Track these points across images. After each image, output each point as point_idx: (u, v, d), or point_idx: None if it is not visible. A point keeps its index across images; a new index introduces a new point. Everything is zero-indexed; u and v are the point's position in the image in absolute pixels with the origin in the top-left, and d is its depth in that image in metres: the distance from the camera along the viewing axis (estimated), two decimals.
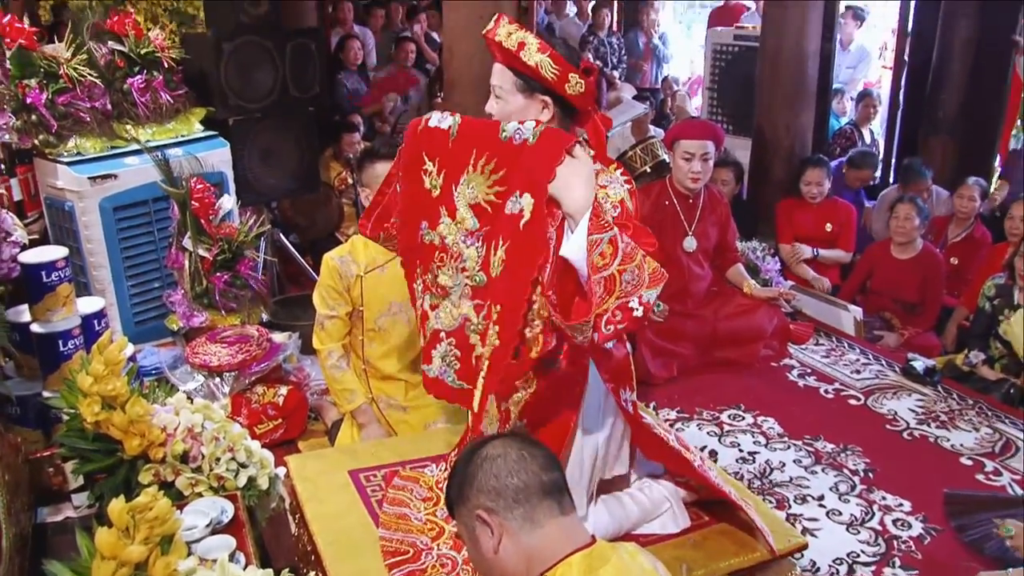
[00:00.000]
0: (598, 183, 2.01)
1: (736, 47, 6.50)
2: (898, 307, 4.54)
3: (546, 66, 2.04)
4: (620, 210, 2.01)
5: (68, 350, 2.62)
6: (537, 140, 1.99)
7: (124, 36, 3.67)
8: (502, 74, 2.12)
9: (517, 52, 2.04)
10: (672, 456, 2.34)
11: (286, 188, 4.45)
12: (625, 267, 1.83)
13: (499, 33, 2.08)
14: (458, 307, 2.21)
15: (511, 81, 2.10)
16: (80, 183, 3.42)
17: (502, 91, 2.12)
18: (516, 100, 2.11)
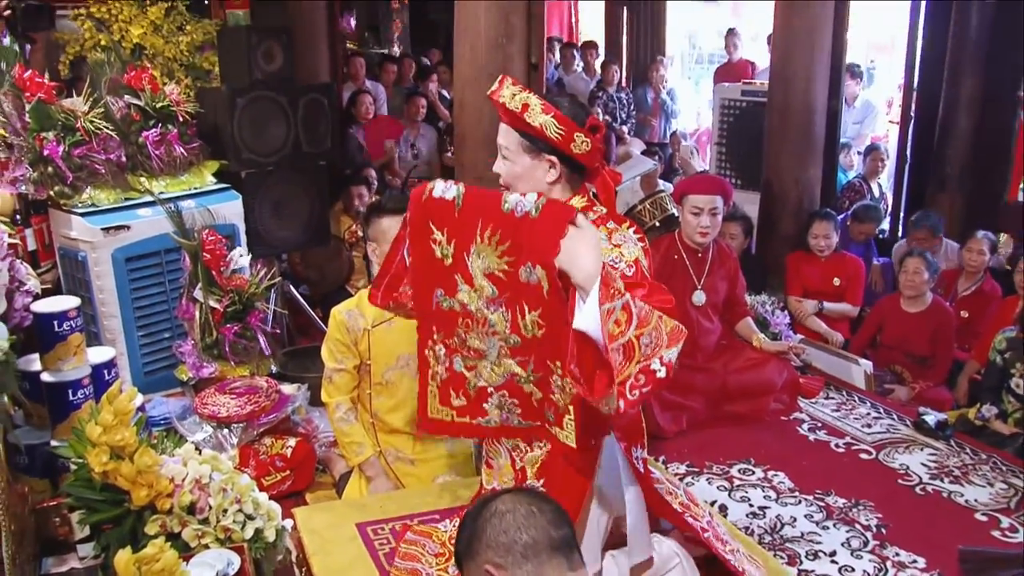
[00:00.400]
0: (612, 242, 2.04)
1: (744, 102, 6.56)
2: (909, 360, 4.52)
3: (550, 127, 2.05)
4: (635, 269, 2.02)
5: (78, 399, 2.62)
6: (540, 213, 1.97)
7: (140, 90, 3.74)
8: (508, 135, 2.13)
9: (521, 113, 2.05)
10: (676, 519, 2.32)
11: (297, 241, 4.48)
12: (642, 331, 1.82)
13: (503, 95, 2.09)
14: (500, 365, 2.18)
15: (517, 142, 2.11)
16: (93, 234, 3.46)
17: (508, 152, 2.13)
18: (523, 160, 2.12)
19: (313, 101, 4.28)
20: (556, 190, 2.15)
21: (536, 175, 2.12)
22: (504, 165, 2.16)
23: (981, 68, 5.66)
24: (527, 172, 2.13)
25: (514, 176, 2.14)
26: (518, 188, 2.13)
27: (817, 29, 5.27)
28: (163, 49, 4.68)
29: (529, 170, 2.12)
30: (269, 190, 4.20)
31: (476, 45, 3.93)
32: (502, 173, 2.17)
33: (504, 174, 2.16)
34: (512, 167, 2.14)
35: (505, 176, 2.16)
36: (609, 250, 2.05)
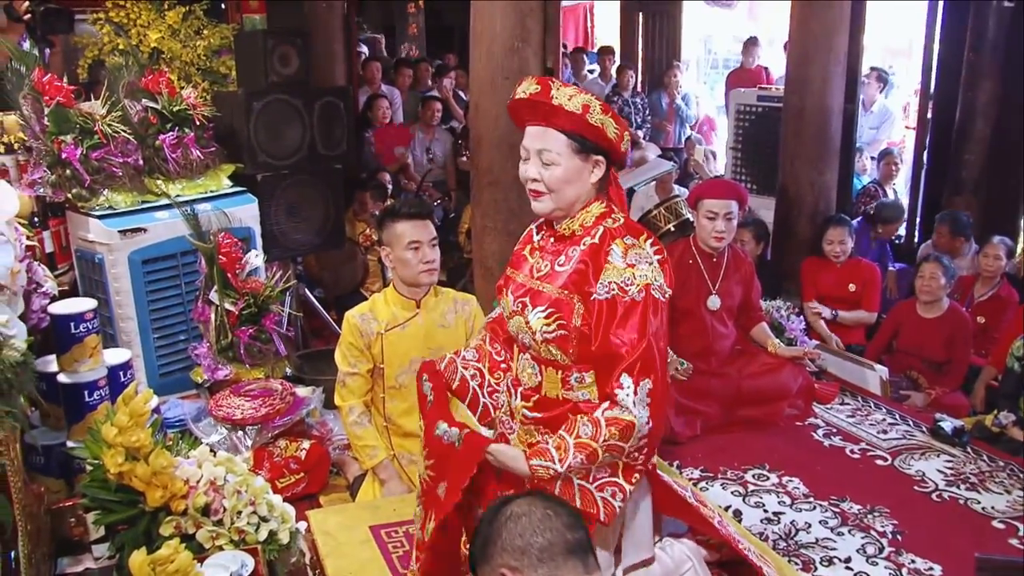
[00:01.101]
0: (626, 261, 2.07)
1: (759, 107, 6.55)
2: (925, 366, 4.49)
3: (610, 126, 2.06)
4: (644, 295, 2.07)
5: (94, 401, 2.64)
6: (461, 446, 2.09)
7: (158, 94, 3.76)
8: (551, 138, 2.08)
9: (583, 114, 2.03)
10: (690, 512, 2.32)
11: (312, 244, 4.50)
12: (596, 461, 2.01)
13: (557, 96, 2.04)
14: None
15: (564, 143, 2.08)
16: (110, 236, 3.48)
17: (553, 155, 2.08)
18: (572, 163, 2.09)
19: (329, 104, 4.30)
20: (594, 191, 2.16)
21: (584, 176, 2.11)
22: (546, 171, 2.10)
23: (998, 72, 5.63)
24: (576, 174, 2.11)
25: (561, 180, 2.10)
26: (565, 193, 2.11)
27: (833, 33, 5.25)
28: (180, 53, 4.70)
29: (577, 172, 2.11)
30: (284, 193, 4.21)
31: (492, 49, 3.93)
32: (543, 179, 2.11)
33: (547, 179, 2.10)
34: (556, 171, 2.09)
35: (549, 182, 2.10)
36: (622, 270, 2.07)
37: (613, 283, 2.06)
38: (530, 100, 2.09)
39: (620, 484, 2.05)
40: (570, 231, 2.17)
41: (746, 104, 6.68)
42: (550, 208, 2.14)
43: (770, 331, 4.16)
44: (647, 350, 2.03)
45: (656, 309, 2.09)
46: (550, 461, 2.01)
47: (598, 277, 2.08)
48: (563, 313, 2.10)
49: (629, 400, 2.00)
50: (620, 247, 2.09)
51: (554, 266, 2.17)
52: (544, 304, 2.13)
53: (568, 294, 2.11)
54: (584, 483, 2.04)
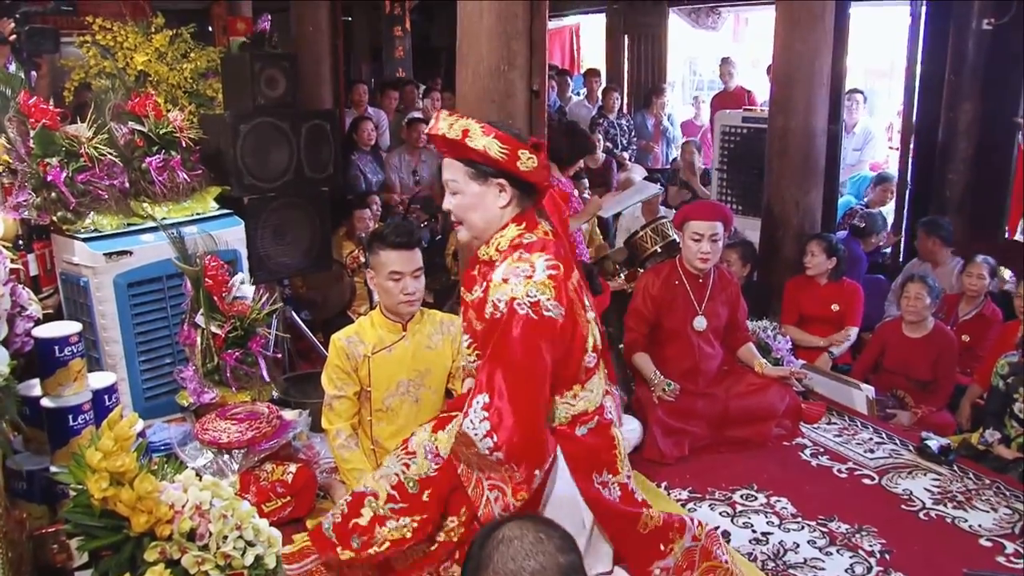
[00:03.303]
0: (503, 276, 2.06)
1: (744, 128, 6.59)
2: (911, 385, 4.51)
3: (493, 148, 2.05)
4: (507, 309, 2.02)
5: (78, 425, 2.62)
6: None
7: (144, 117, 3.76)
8: (451, 167, 2.12)
9: (463, 140, 2.05)
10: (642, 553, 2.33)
11: (299, 266, 4.49)
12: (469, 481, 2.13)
13: (440, 127, 2.08)
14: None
15: (462, 171, 2.11)
16: (95, 259, 3.47)
17: (456, 184, 2.12)
18: (471, 189, 2.11)
19: (315, 127, 4.30)
20: (507, 214, 2.14)
21: (487, 201, 2.12)
22: (452, 200, 2.14)
23: (979, 93, 5.70)
24: (478, 200, 2.12)
25: (465, 208, 2.12)
26: (471, 220, 2.14)
27: (817, 55, 5.30)
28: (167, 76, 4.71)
29: (479, 197, 2.12)
30: (271, 216, 4.21)
31: (478, 71, 3.95)
32: (452, 208, 2.15)
33: (454, 208, 2.14)
34: (461, 200, 2.12)
35: (456, 210, 2.14)
36: (497, 287, 2.05)
37: (491, 301, 2.07)
38: (429, 134, 2.15)
39: (505, 492, 2.07)
40: (488, 256, 2.18)
41: (731, 126, 6.73)
42: (467, 237, 2.19)
43: (757, 351, 4.17)
44: (491, 367, 2.01)
45: (519, 325, 2.01)
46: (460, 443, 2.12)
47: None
48: (478, 344, 2.16)
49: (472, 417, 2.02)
50: (505, 265, 2.08)
51: (479, 292, 2.19)
52: (468, 334, 2.20)
53: (479, 324, 2.16)
54: (481, 475, 2.10)
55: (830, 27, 5.31)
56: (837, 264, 4.92)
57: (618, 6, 10.00)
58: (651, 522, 2.35)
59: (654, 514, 2.37)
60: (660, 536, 2.37)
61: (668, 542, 2.38)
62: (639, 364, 4.00)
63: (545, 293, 2.02)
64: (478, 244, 2.20)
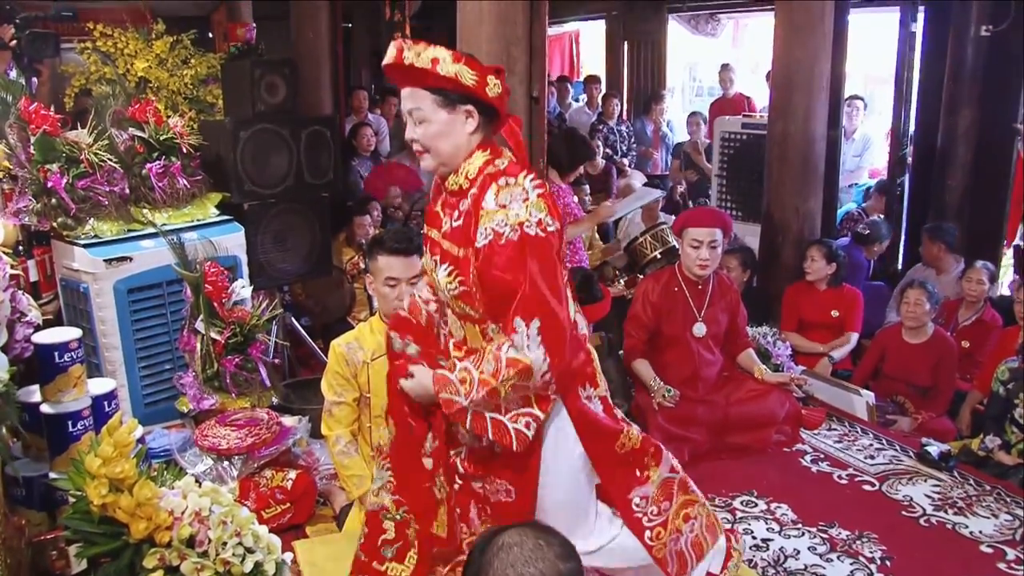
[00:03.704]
0: (498, 202, 2.07)
1: (744, 135, 6.60)
2: (911, 391, 4.50)
3: (464, 74, 2.09)
4: (518, 233, 2.04)
5: (77, 431, 2.62)
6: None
7: (144, 123, 3.76)
8: (417, 97, 2.14)
9: (433, 68, 2.08)
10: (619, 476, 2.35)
11: (299, 272, 4.49)
12: (496, 400, 2.08)
13: (407, 56, 2.10)
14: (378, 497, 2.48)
15: (429, 100, 2.13)
16: (95, 265, 3.47)
17: (421, 113, 2.14)
18: (439, 117, 2.13)
19: (315, 133, 4.31)
20: (475, 140, 2.18)
21: (456, 128, 2.15)
22: (419, 129, 2.16)
23: (978, 99, 5.71)
24: (447, 127, 2.14)
25: (432, 136, 2.15)
26: (439, 147, 2.16)
27: (816, 61, 5.31)
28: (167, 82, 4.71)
29: (448, 125, 2.14)
30: (271, 222, 4.21)
31: None
32: (418, 138, 2.17)
33: (420, 137, 2.16)
34: (428, 128, 2.14)
35: (423, 139, 2.16)
36: (494, 213, 2.07)
37: (488, 228, 2.07)
38: (392, 66, 2.15)
39: (534, 414, 2.10)
40: (457, 186, 2.20)
41: (731, 132, 6.74)
42: (434, 165, 2.21)
43: (756, 357, 4.17)
44: (531, 289, 2.03)
45: (534, 246, 2.05)
46: (455, 394, 2.08)
47: (477, 227, 2.10)
48: (460, 269, 2.15)
49: (523, 342, 2.03)
50: (493, 190, 2.10)
51: (452, 223, 2.21)
52: (446, 262, 2.18)
53: (462, 249, 2.15)
54: (496, 415, 2.09)
55: (829, 33, 5.32)
56: (837, 270, 4.92)
57: (618, 12, 10.01)
58: (629, 442, 2.36)
59: (633, 434, 2.38)
60: (637, 459, 2.38)
61: (644, 468, 2.39)
62: (639, 370, 3.99)
63: (543, 211, 2.07)
64: (445, 172, 2.22)
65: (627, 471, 2.35)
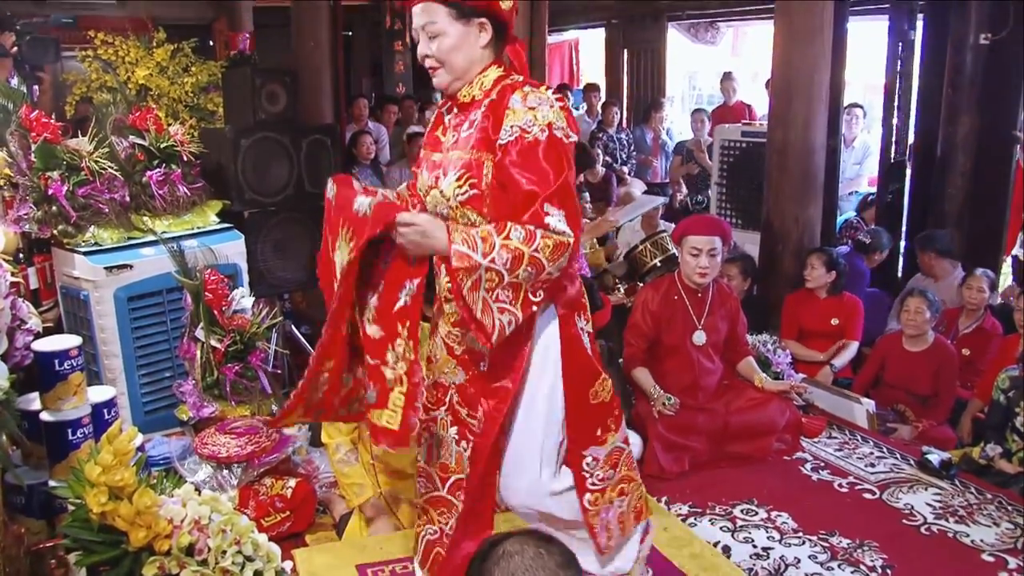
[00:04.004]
0: (527, 104, 2.09)
1: (744, 143, 6.61)
2: (911, 399, 4.50)
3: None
4: (547, 133, 2.06)
5: (77, 439, 2.62)
6: (372, 211, 2.05)
7: (145, 131, 3.77)
8: (432, 10, 2.15)
9: None
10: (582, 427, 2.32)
11: (299, 280, 4.49)
12: (516, 272, 1.98)
13: None
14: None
15: (444, 13, 2.14)
16: (96, 273, 3.47)
17: (436, 27, 2.15)
18: (455, 30, 2.15)
19: (316, 142, 4.32)
20: (488, 55, 2.20)
21: (470, 41, 2.16)
22: (433, 44, 2.17)
23: (976, 107, 5.72)
24: (462, 40, 2.16)
25: (447, 49, 2.16)
26: (454, 61, 2.17)
27: (815, 70, 5.32)
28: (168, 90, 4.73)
29: (463, 38, 2.16)
30: (271, 230, 4.22)
31: None
32: (432, 53, 2.18)
33: (436, 52, 2.17)
34: (444, 41, 2.15)
35: (438, 53, 2.17)
36: (523, 113, 2.08)
37: (515, 126, 2.08)
38: None
39: (516, 314, 2.03)
40: (470, 97, 2.22)
41: (730, 140, 6.75)
42: (448, 80, 2.21)
43: (757, 365, 4.17)
44: (559, 182, 2.04)
45: (561, 147, 2.08)
46: (472, 249, 1.96)
47: (500, 126, 2.10)
48: (473, 172, 2.14)
49: (561, 224, 2.02)
50: (519, 95, 2.12)
51: (460, 133, 2.21)
52: (454, 168, 2.17)
53: (476, 152, 2.15)
54: (487, 296, 2.00)
55: (828, 42, 5.33)
56: (837, 278, 4.92)
57: (617, 21, 10.05)
58: (602, 391, 2.34)
59: (607, 385, 2.36)
60: (601, 416, 2.36)
61: (605, 428, 2.36)
62: (639, 379, 3.99)
63: (564, 120, 2.11)
64: (456, 88, 2.23)
65: (590, 425, 2.33)
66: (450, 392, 2.32)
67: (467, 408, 2.28)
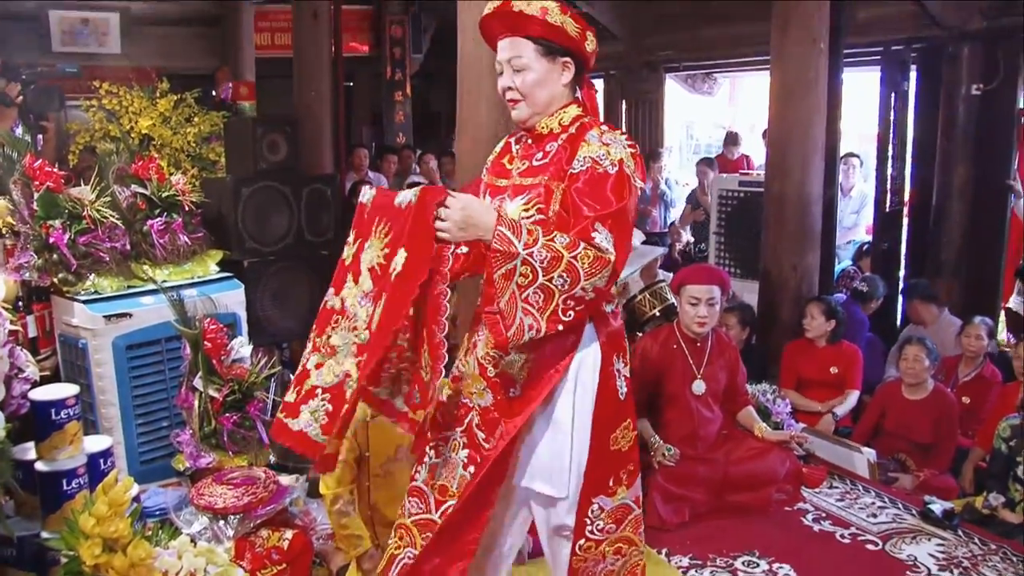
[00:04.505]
0: (602, 141, 2.15)
1: (741, 192, 6.66)
2: (912, 448, 4.48)
3: (569, 25, 2.20)
4: (617, 168, 2.12)
5: (72, 489, 2.59)
6: (417, 198, 2.05)
7: (147, 180, 3.79)
8: (519, 45, 2.22)
9: (542, 16, 2.17)
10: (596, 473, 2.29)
11: (298, 330, 4.48)
12: (551, 274, 1.99)
13: (516, 4, 2.18)
14: (341, 364, 2.22)
15: (531, 48, 2.21)
16: (95, 321, 3.47)
17: (522, 61, 2.21)
18: (540, 65, 2.22)
19: (316, 191, 4.35)
20: (568, 93, 2.27)
21: (553, 78, 2.23)
22: (518, 77, 2.22)
23: (971, 156, 5.78)
24: (546, 76, 2.22)
25: (532, 84, 2.22)
26: (537, 95, 2.23)
27: (811, 120, 5.39)
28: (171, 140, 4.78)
29: (547, 74, 2.22)
30: (271, 279, 4.23)
31: (478, 136, 3.99)
32: (516, 86, 2.23)
33: (520, 85, 2.23)
34: (527, 75, 2.21)
35: (522, 87, 2.22)
36: (597, 148, 2.15)
37: (588, 157, 2.14)
38: (496, 13, 2.23)
39: (539, 323, 2.03)
40: (548, 129, 2.27)
41: (728, 190, 6.80)
42: (527, 114, 2.26)
43: (756, 415, 4.15)
44: (617, 211, 2.08)
45: (628, 185, 2.12)
46: (516, 235, 1.99)
47: (574, 158, 2.16)
48: (541, 199, 2.18)
49: (607, 243, 2.04)
50: (597, 131, 2.19)
51: (532, 162, 2.26)
52: (524, 194, 2.21)
53: (547, 180, 2.19)
54: (517, 292, 2.01)
55: (823, 93, 5.41)
56: (836, 327, 4.93)
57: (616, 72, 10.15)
58: (622, 440, 2.34)
59: (630, 435, 2.36)
60: (615, 465, 2.34)
61: (617, 481, 2.34)
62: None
63: (634, 164, 2.17)
64: (535, 121, 2.28)
65: (603, 472, 2.31)
66: (472, 414, 2.30)
67: (485, 432, 2.26)
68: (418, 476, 2.37)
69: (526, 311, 2.02)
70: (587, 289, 2.03)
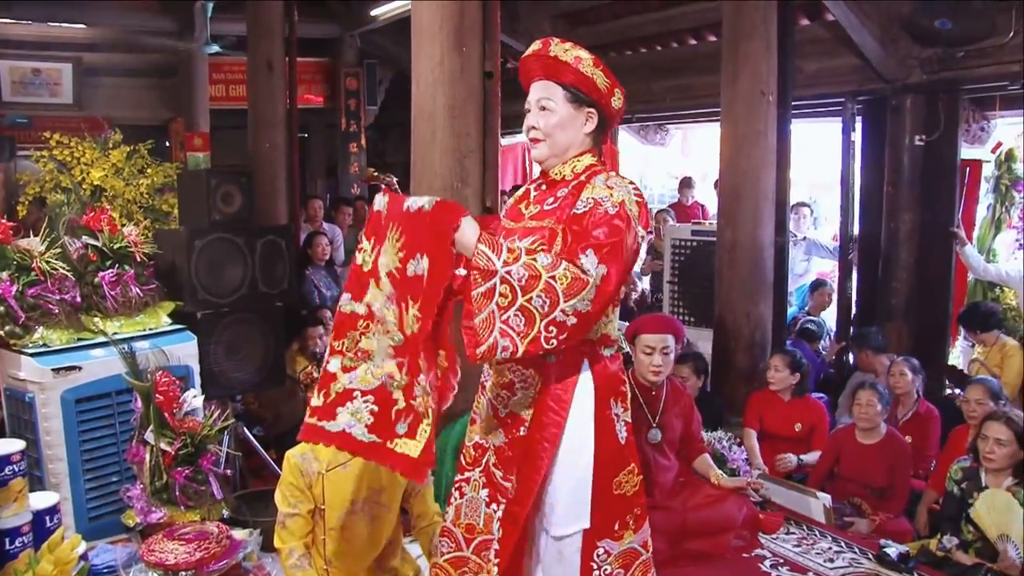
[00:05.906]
0: (607, 184, 2.24)
1: (694, 241, 6.75)
2: (867, 492, 4.52)
3: (600, 78, 2.30)
4: (618, 209, 2.18)
5: (15, 548, 2.52)
6: (433, 207, 2.17)
7: (99, 231, 3.76)
8: (549, 88, 2.32)
9: (575, 65, 2.28)
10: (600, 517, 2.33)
11: (252, 382, 4.44)
12: (530, 295, 2.05)
13: (554, 49, 2.29)
14: (380, 367, 2.29)
15: (560, 93, 2.31)
16: (43, 374, 3.40)
17: (549, 103, 2.32)
18: (565, 110, 2.32)
19: (271, 243, 4.33)
20: (587, 142, 2.36)
21: (575, 124, 2.33)
22: (543, 118, 2.32)
23: (917, 204, 5.94)
24: (569, 121, 2.32)
25: (554, 125, 2.31)
26: (557, 137, 2.32)
27: (761, 170, 5.51)
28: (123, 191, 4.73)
29: (570, 119, 2.32)
30: (224, 331, 4.18)
31: (432, 187, 4.02)
32: (540, 126, 2.32)
33: (543, 125, 2.32)
34: (550, 117, 2.31)
35: (545, 127, 2.32)
36: (601, 190, 2.23)
37: (591, 198, 2.22)
38: (535, 55, 2.33)
39: (517, 345, 2.07)
40: (561, 176, 2.36)
41: (681, 239, 6.88)
42: (546, 154, 2.36)
43: (712, 462, 4.16)
44: (615, 244, 2.14)
45: (627, 225, 2.18)
46: (495, 253, 2.07)
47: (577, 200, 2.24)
48: (546, 240, 2.25)
49: (591, 267, 2.10)
50: (603, 176, 2.28)
51: (543, 206, 2.35)
52: (530, 236, 2.28)
53: (553, 223, 2.27)
54: (497, 312, 2.06)
55: (773, 144, 5.54)
56: (801, 380, 4.97)
57: None
58: (626, 484, 2.37)
59: (634, 480, 2.38)
60: (620, 509, 2.37)
61: (623, 525, 2.38)
62: None
63: (637, 209, 2.23)
64: (552, 164, 2.37)
65: (608, 516, 2.35)
66: (488, 453, 2.38)
67: (502, 471, 2.34)
68: (446, 517, 2.48)
69: (504, 332, 2.07)
70: (567, 312, 2.07)
